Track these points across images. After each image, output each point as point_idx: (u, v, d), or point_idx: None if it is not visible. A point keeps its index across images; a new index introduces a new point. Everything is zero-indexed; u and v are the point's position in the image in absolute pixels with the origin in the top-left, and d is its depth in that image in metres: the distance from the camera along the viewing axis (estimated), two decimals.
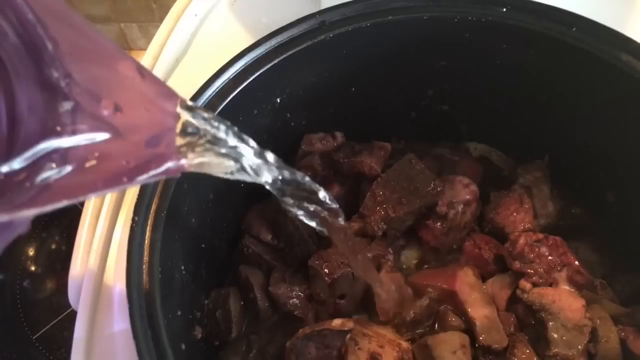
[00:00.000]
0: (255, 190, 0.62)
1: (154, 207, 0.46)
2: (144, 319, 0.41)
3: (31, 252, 0.89)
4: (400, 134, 0.69)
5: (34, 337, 0.81)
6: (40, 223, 0.91)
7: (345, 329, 0.52)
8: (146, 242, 0.44)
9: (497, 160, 0.68)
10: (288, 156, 0.64)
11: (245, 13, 0.59)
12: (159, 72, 0.55)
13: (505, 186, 0.64)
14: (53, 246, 0.91)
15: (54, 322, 0.83)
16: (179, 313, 0.47)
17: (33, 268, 0.88)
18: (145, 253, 0.43)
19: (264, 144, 0.59)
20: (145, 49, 1.01)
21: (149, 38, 1.00)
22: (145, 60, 0.57)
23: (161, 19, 0.95)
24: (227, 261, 0.62)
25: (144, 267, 0.43)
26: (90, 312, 0.44)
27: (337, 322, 0.53)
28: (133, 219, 0.44)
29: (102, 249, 0.47)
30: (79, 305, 0.45)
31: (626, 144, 0.58)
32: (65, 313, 0.86)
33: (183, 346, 0.45)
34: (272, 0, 0.61)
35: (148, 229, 0.44)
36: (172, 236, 0.47)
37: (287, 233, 0.61)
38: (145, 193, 0.46)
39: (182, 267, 0.50)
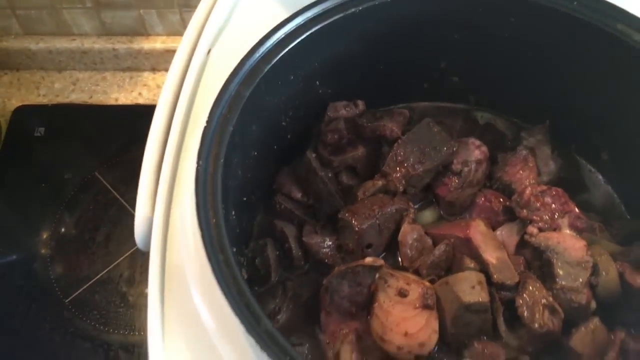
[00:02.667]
0: (286, 152, 0.69)
1: (213, 154, 0.52)
2: (215, 246, 0.47)
3: (44, 236, 0.93)
4: (414, 104, 0.76)
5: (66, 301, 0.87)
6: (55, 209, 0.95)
7: (376, 264, 0.59)
8: (209, 183, 0.50)
9: (502, 126, 0.75)
10: (315, 121, 0.70)
11: None
12: (204, 41, 0.61)
13: (510, 149, 0.71)
14: (62, 229, 0.95)
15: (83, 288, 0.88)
16: (235, 250, 0.52)
17: (43, 251, 0.92)
18: (209, 191, 0.49)
19: (296, 108, 0.66)
20: (161, 35, 1.07)
21: (166, 24, 1.06)
22: (188, 33, 0.63)
23: (179, 5, 1.02)
24: (262, 217, 0.69)
25: (208, 204, 0.49)
26: (162, 250, 0.50)
27: (369, 260, 0.60)
28: (198, 163, 0.50)
29: (167, 194, 0.53)
30: (150, 245, 0.51)
31: (619, 108, 0.65)
32: (92, 280, 0.90)
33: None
34: None
35: (210, 171, 0.50)
36: (226, 183, 0.53)
37: (316, 190, 0.67)
38: (205, 141, 0.51)
39: (233, 213, 0.56)
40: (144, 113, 1.06)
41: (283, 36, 0.58)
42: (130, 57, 1.07)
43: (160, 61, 1.08)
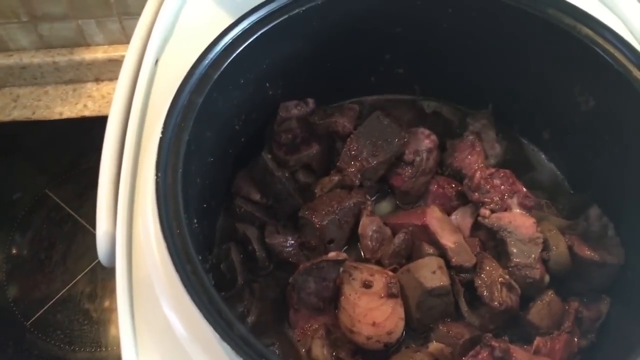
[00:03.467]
0: (241, 155, 0.70)
1: (171, 164, 0.52)
2: (182, 257, 0.47)
3: None
4: (363, 98, 0.78)
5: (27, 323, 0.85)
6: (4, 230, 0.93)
7: (340, 259, 0.61)
8: (169, 194, 0.50)
9: (448, 113, 0.78)
10: (268, 122, 0.71)
11: None
12: (150, 52, 0.61)
13: (458, 135, 0.74)
14: (14, 251, 0.93)
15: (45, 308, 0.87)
16: (200, 257, 0.53)
17: None
18: (171, 203, 0.50)
19: (248, 111, 0.67)
20: (102, 44, 1.05)
21: (106, 33, 1.04)
22: (134, 43, 0.63)
23: (118, 13, 1.00)
24: (223, 221, 0.69)
25: (171, 215, 0.49)
26: (127, 264, 0.50)
27: (332, 254, 0.61)
28: (157, 175, 0.50)
29: (128, 207, 0.53)
30: (115, 260, 0.50)
31: (555, 89, 0.69)
32: (53, 300, 0.89)
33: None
34: None
35: (169, 182, 0.51)
36: (186, 192, 0.53)
37: (274, 191, 0.68)
38: (162, 152, 0.52)
39: (195, 221, 0.56)
40: (91, 125, 1.06)
41: (230, 41, 0.59)
42: (71, 69, 1.05)
43: (104, 71, 1.07)
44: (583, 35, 0.61)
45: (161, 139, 0.52)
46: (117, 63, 1.06)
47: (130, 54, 0.62)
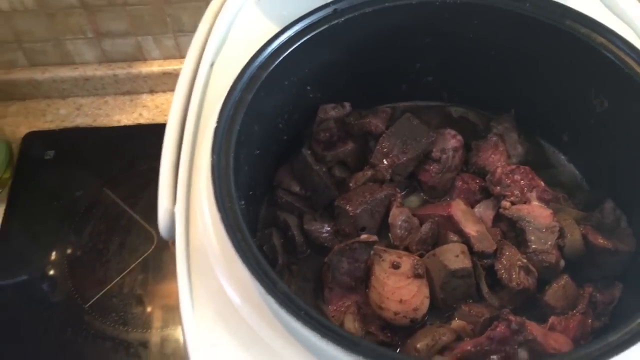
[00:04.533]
0: (283, 152, 0.77)
1: (224, 149, 0.60)
2: (233, 226, 0.54)
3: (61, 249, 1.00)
4: (394, 104, 0.85)
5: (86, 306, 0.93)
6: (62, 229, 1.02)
7: (371, 240, 0.67)
8: (223, 174, 0.58)
9: (474, 118, 0.84)
10: (307, 122, 0.79)
11: (268, 8, 0.75)
12: (207, 56, 0.69)
13: (482, 137, 0.80)
14: (76, 242, 1.02)
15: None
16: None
17: (61, 262, 0.99)
18: (223, 181, 0.57)
19: (291, 111, 0.75)
20: (158, 59, 1.15)
21: (161, 48, 1.14)
22: (192, 49, 0.71)
23: (174, 31, 1.10)
24: (265, 210, 0.77)
25: (224, 192, 0.57)
26: (185, 236, 0.58)
27: (364, 237, 0.68)
28: (212, 157, 0.58)
29: (186, 188, 0.61)
30: (175, 233, 0.58)
31: (573, 95, 0.74)
32: (109, 286, 0.96)
33: None
34: None
35: (223, 164, 0.59)
36: (236, 175, 0.60)
37: (313, 183, 0.75)
38: (216, 139, 0.60)
39: (242, 203, 0.63)
40: (145, 132, 1.16)
41: (277, 47, 0.67)
42: (129, 81, 1.15)
43: (158, 83, 1.16)
44: (597, 43, 0.67)
45: (216, 128, 0.60)
46: (170, 76, 1.16)
47: (189, 58, 0.71)
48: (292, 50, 0.68)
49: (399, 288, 0.66)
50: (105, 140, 1.12)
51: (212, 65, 0.70)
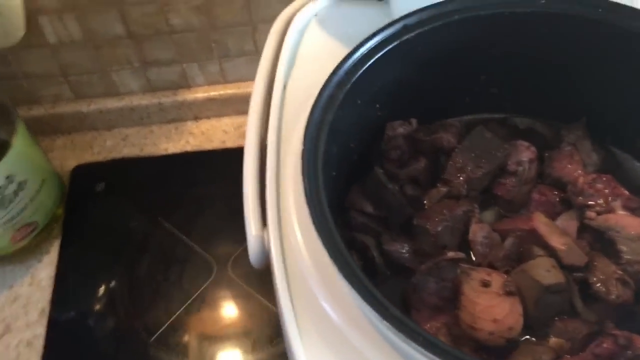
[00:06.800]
0: (352, 173, 0.76)
1: (313, 173, 0.58)
2: (335, 250, 0.53)
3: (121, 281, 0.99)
4: (458, 118, 0.83)
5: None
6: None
7: (458, 257, 0.65)
8: (316, 200, 0.57)
9: (541, 128, 0.82)
10: (374, 141, 0.77)
11: (333, 27, 0.74)
12: (279, 79, 0.68)
13: (553, 147, 0.78)
14: (135, 273, 1.00)
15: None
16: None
17: (122, 295, 0.98)
18: (318, 208, 0.56)
19: (361, 130, 0.74)
20: (202, 85, 1.15)
21: (206, 75, 1.13)
22: (260, 73, 0.71)
23: (219, 56, 1.10)
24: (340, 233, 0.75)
25: (321, 218, 0.56)
26: (282, 263, 0.57)
27: (451, 254, 0.66)
28: (304, 181, 0.57)
29: (276, 211, 0.60)
30: (272, 259, 0.57)
31: None
32: (172, 318, 0.95)
33: None
34: (350, 15, 0.76)
35: (315, 190, 0.57)
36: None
37: (387, 203, 0.74)
38: (304, 161, 0.58)
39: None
40: (193, 159, 1.15)
41: (352, 65, 0.66)
42: (174, 109, 1.15)
43: (202, 109, 1.16)
44: None
45: (303, 150, 0.59)
46: (214, 102, 1.15)
47: (258, 81, 0.70)
48: (366, 68, 0.67)
49: (492, 307, 0.64)
50: (154, 169, 1.11)
51: (284, 87, 0.69)
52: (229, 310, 0.92)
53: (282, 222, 0.60)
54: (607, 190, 0.71)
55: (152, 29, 1.02)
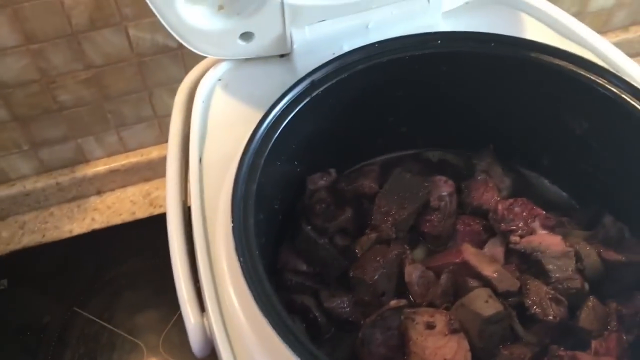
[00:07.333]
0: (281, 232, 0.75)
1: (246, 249, 0.56)
2: (282, 329, 0.51)
3: None
4: (373, 159, 0.84)
5: None
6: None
7: (401, 304, 0.65)
8: (253, 276, 0.55)
9: (453, 159, 0.85)
10: (299, 195, 0.77)
11: (238, 90, 0.73)
12: (193, 152, 0.66)
13: (467, 176, 0.81)
14: None
15: None
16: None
17: None
18: (258, 283, 0.54)
19: (283, 190, 0.73)
20: (102, 157, 1.09)
21: (105, 146, 1.08)
22: (172, 149, 0.68)
23: (116, 126, 1.05)
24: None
25: (262, 295, 0.53)
26: (228, 349, 0.54)
27: (393, 302, 0.66)
28: (239, 259, 0.54)
29: (214, 296, 0.57)
30: (218, 346, 0.54)
31: (549, 119, 0.77)
32: None
33: None
34: (254, 76, 0.75)
35: (249, 265, 0.55)
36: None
37: (320, 258, 0.73)
38: (236, 239, 0.56)
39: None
40: (102, 237, 1.08)
41: (266, 130, 0.65)
42: (74, 187, 1.08)
43: (105, 182, 1.10)
44: (566, 70, 0.70)
45: (233, 227, 0.57)
46: (117, 173, 1.10)
47: (171, 156, 0.67)
48: (282, 130, 0.66)
49: (440, 347, 0.65)
50: (61, 255, 1.04)
51: (200, 160, 0.66)
52: None
53: (221, 305, 0.57)
54: (524, 213, 0.74)
55: (39, 108, 0.96)
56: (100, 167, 1.08)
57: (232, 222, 0.57)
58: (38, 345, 0.93)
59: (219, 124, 0.71)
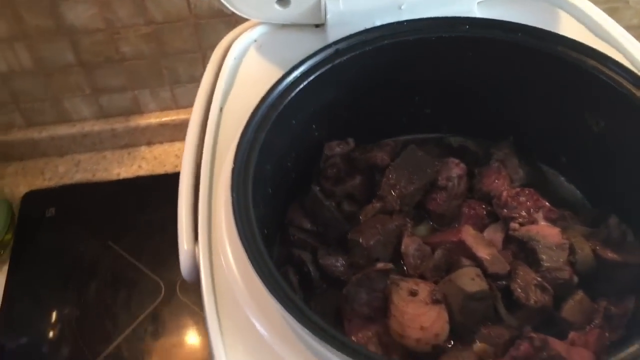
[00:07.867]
0: (291, 190, 0.79)
1: (242, 188, 0.61)
2: (259, 262, 0.55)
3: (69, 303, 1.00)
4: (395, 138, 0.87)
5: None
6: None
7: (387, 268, 0.68)
8: (243, 212, 0.59)
9: (473, 146, 0.86)
10: (314, 160, 0.81)
11: (271, 52, 0.77)
12: (216, 102, 0.71)
13: (484, 164, 0.83)
14: (84, 296, 1.01)
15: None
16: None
17: (70, 317, 0.98)
18: (244, 219, 0.59)
19: (298, 150, 0.77)
20: (155, 111, 1.17)
21: (158, 101, 1.16)
22: (200, 96, 0.73)
23: (170, 83, 1.13)
24: (278, 249, 0.77)
25: (247, 230, 0.58)
26: (210, 277, 0.58)
27: (380, 265, 0.69)
28: (232, 195, 0.59)
29: (207, 229, 0.62)
30: (200, 275, 0.59)
31: (568, 116, 0.78)
32: (119, 339, 0.95)
33: None
34: (288, 41, 0.79)
35: (242, 203, 0.60)
36: (255, 213, 0.62)
37: (324, 219, 0.77)
38: (234, 178, 0.61)
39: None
40: (145, 183, 1.17)
41: (285, 88, 0.69)
42: (127, 135, 1.17)
43: (155, 134, 1.18)
44: (589, 66, 0.71)
45: (233, 168, 0.62)
46: (167, 127, 1.18)
47: (197, 104, 0.73)
48: (299, 90, 0.70)
49: (419, 315, 0.67)
50: (106, 194, 1.13)
51: (221, 109, 0.72)
52: (176, 330, 0.93)
53: (213, 239, 0.62)
54: (529, 203, 0.75)
55: (103, 56, 1.05)
56: (152, 119, 1.16)
57: (233, 163, 0.62)
58: (70, 270, 1.01)
59: (246, 80, 0.76)
